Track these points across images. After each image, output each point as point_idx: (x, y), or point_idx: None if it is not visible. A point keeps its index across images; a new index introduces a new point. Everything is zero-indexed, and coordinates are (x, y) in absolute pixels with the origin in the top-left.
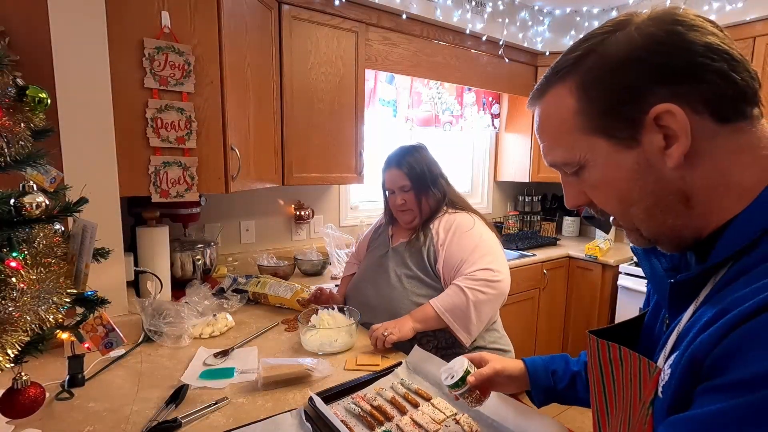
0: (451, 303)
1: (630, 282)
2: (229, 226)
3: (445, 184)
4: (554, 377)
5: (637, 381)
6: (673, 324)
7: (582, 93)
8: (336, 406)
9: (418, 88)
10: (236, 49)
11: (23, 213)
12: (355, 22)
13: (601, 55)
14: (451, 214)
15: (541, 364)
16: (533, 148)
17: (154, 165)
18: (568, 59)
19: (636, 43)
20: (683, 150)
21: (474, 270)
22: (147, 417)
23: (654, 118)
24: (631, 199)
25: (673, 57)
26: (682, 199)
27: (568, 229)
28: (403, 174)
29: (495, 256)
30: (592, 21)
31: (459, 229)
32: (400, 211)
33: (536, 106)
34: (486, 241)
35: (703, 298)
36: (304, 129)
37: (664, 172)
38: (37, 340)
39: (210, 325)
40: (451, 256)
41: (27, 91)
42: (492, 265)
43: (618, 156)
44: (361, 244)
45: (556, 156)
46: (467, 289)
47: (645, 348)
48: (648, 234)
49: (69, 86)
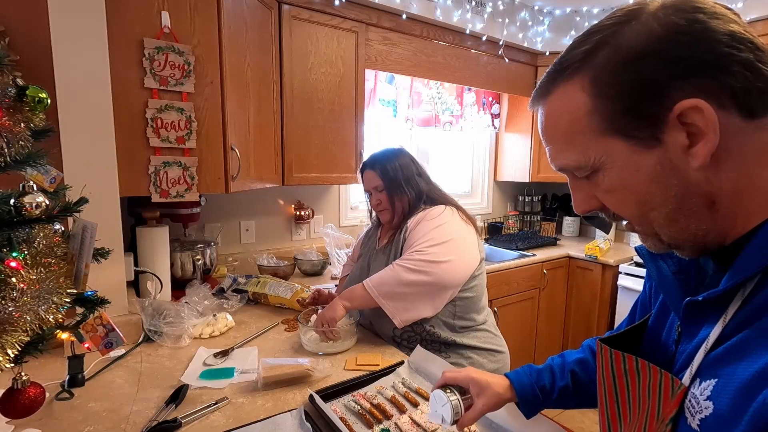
0: (378, 278)
1: (630, 282)
2: (229, 226)
3: (424, 183)
4: (543, 393)
5: (656, 395)
6: (696, 340)
7: (596, 90)
8: (336, 404)
9: (418, 88)
10: (236, 49)
11: (23, 213)
12: (355, 22)
13: (615, 47)
14: (425, 209)
15: (527, 381)
16: (533, 148)
17: (154, 165)
18: (576, 54)
19: (656, 33)
20: (711, 148)
21: (413, 251)
22: (147, 417)
23: (678, 115)
24: (652, 203)
25: (696, 48)
26: (706, 202)
27: (568, 229)
28: (376, 175)
29: (446, 242)
30: (592, 21)
31: (424, 218)
32: (377, 211)
33: (540, 106)
34: (447, 228)
35: (732, 314)
36: (304, 129)
37: (688, 173)
38: (37, 340)
39: (210, 325)
40: (407, 244)
41: (27, 91)
42: (432, 249)
43: (637, 157)
44: (356, 247)
45: (567, 160)
46: (397, 265)
47: (651, 353)
48: (669, 239)
49: (69, 86)
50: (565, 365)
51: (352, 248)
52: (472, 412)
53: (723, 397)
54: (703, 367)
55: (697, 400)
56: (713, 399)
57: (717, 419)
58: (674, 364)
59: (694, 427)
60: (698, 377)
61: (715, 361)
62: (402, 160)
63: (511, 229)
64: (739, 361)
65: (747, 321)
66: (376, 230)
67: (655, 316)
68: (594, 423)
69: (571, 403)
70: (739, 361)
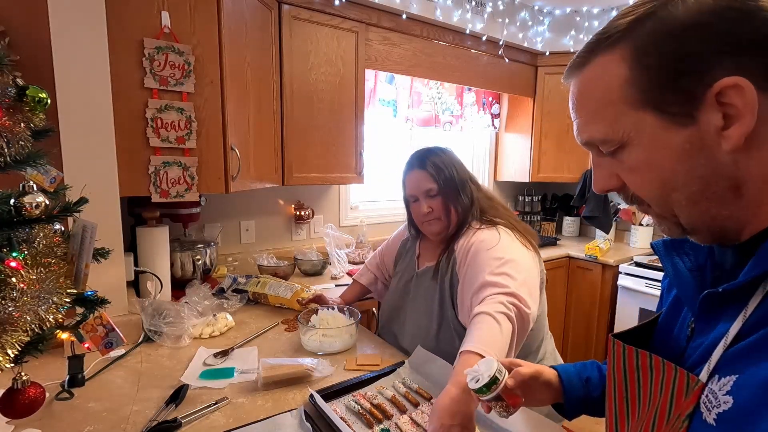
0: (490, 339)
1: (630, 282)
2: (229, 226)
3: (475, 190)
4: (588, 385)
5: (668, 392)
6: (713, 336)
7: (636, 60)
8: (336, 404)
9: (418, 88)
10: (236, 49)
11: (23, 213)
12: (355, 22)
13: (662, 18)
14: (477, 230)
15: (574, 372)
16: (533, 148)
17: (154, 165)
18: (620, 24)
19: (707, 6)
20: (746, 130)
21: (496, 293)
22: (147, 417)
23: (716, 93)
24: (675, 184)
25: (746, 24)
26: (732, 186)
27: (568, 229)
28: (429, 176)
29: (522, 280)
30: (592, 21)
31: (481, 246)
32: (425, 222)
33: (575, 77)
34: (513, 260)
35: (753, 309)
36: (304, 129)
37: (718, 155)
38: (37, 340)
39: (210, 325)
40: (467, 281)
41: (27, 91)
42: (520, 291)
43: (667, 134)
44: (386, 255)
45: (595, 131)
46: (497, 314)
47: (661, 349)
48: (687, 222)
49: (69, 86)
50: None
51: (352, 248)
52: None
53: (744, 392)
54: (722, 362)
55: (715, 395)
56: (733, 394)
57: (737, 413)
58: (685, 359)
59: (710, 421)
60: (716, 373)
61: (736, 357)
62: (456, 160)
63: None
64: (763, 356)
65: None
66: (414, 244)
67: (666, 313)
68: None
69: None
70: (763, 357)
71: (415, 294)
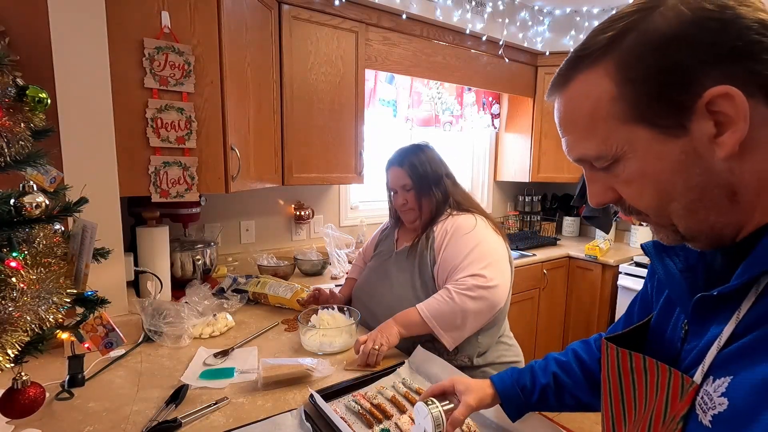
0: (437, 309)
1: (630, 282)
2: (229, 226)
3: (450, 185)
4: (524, 393)
5: (663, 394)
6: (707, 338)
7: (622, 75)
8: (336, 404)
9: (418, 88)
10: (236, 49)
11: (23, 213)
12: (355, 22)
13: (643, 32)
14: (454, 216)
15: (509, 382)
16: (533, 148)
17: (154, 165)
18: (600, 40)
19: (686, 18)
20: (740, 137)
21: (465, 276)
22: (147, 417)
23: (707, 102)
24: (673, 194)
25: (726, 34)
26: (728, 193)
27: (568, 229)
28: (405, 173)
29: (491, 262)
30: (592, 21)
31: (457, 231)
32: (402, 211)
33: (559, 95)
34: (485, 244)
35: (746, 311)
36: (304, 129)
37: (712, 163)
38: (37, 340)
39: (210, 325)
40: (445, 261)
41: (27, 91)
42: (485, 271)
43: (661, 146)
44: (368, 246)
45: (587, 149)
46: (456, 295)
47: (655, 351)
48: (685, 231)
49: (69, 86)
50: (548, 366)
51: (352, 248)
52: (462, 407)
53: (739, 393)
54: (716, 364)
55: (710, 396)
56: (728, 396)
57: (732, 415)
58: (680, 361)
59: (706, 423)
60: (711, 375)
61: (730, 359)
62: (432, 160)
63: (511, 229)
64: (757, 357)
65: (763, 317)
66: (393, 230)
67: (658, 314)
68: (594, 423)
69: (552, 403)
70: (757, 358)
71: (397, 269)
